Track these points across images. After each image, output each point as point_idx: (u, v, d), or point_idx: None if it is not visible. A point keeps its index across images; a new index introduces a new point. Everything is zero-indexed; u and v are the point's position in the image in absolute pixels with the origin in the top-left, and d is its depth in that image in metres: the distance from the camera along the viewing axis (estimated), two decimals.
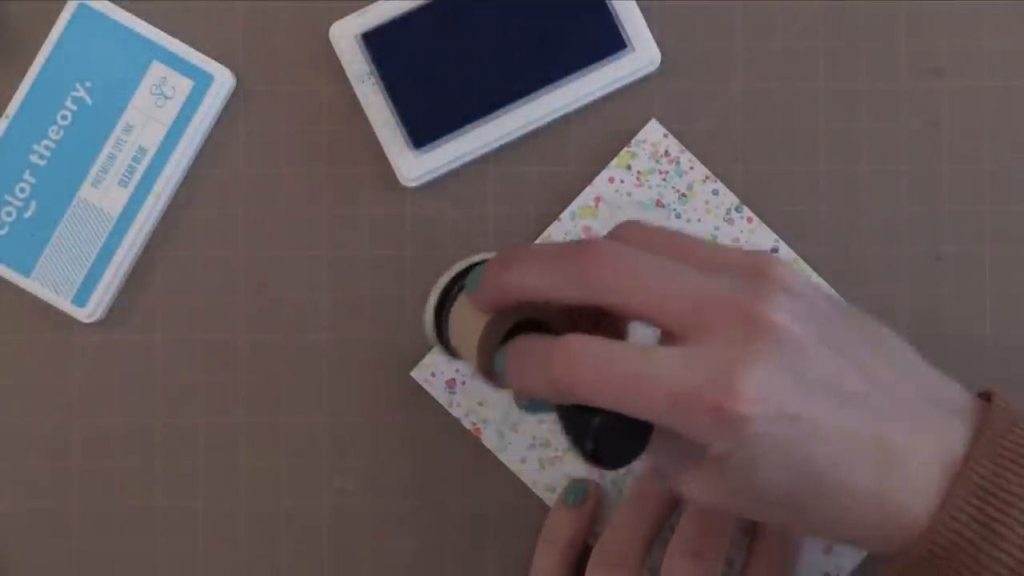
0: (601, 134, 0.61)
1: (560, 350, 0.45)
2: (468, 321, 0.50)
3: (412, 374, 0.61)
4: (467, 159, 0.60)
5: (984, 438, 0.47)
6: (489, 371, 0.49)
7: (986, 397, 0.49)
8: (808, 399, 0.44)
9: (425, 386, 0.61)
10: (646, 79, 0.61)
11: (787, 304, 0.45)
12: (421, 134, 0.60)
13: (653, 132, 0.61)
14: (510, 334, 0.49)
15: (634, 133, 0.61)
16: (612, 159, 0.61)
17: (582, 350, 0.45)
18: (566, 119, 0.61)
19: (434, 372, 0.61)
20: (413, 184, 0.60)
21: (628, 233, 0.49)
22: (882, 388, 0.47)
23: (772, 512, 0.48)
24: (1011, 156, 0.61)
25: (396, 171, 0.60)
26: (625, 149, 0.61)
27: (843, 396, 0.45)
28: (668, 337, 0.46)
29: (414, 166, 0.60)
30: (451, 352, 0.53)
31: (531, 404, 0.49)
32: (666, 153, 0.61)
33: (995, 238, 0.61)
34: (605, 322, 0.49)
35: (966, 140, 0.61)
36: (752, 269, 0.46)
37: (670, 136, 0.61)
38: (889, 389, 0.47)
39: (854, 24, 0.61)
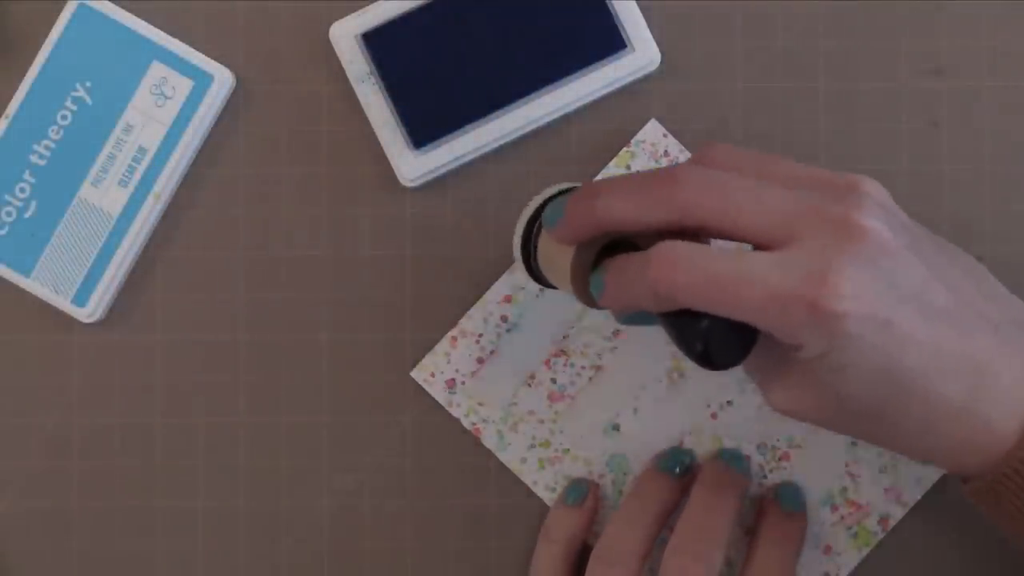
0: (601, 134, 0.61)
1: (658, 257, 0.46)
2: (557, 251, 0.51)
3: (412, 374, 0.61)
4: (467, 159, 0.60)
5: None
6: (586, 295, 0.50)
7: None
8: (900, 306, 0.45)
9: (425, 386, 0.61)
10: (646, 79, 0.61)
11: (879, 213, 0.46)
12: (421, 134, 0.60)
13: (652, 132, 0.61)
14: (598, 259, 0.50)
15: (634, 133, 0.61)
16: (612, 159, 0.61)
17: (680, 254, 0.46)
18: (566, 119, 0.61)
19: (434, 372, 0.61)
20: (413, 184, 0.60)
21: (713, 153, 0.49)
22: (968, 305, 0.47)
23: (858, 423, 0.48)
24: (1011, 156, 0.61)
25: (396, 171, 0.60)
26: (625, 149, 0.61)
27: (932, 307, 0.46)
28: (761, 249, 0.46)
29: (414, 166, 0.60)
30: (543, 282, 0.54)
31: (632, 317, 0.50)
32: (666, 153, 0.61)
33: (995, 238, 0.61)
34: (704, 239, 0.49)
35: (966, 140, 0.61)
36: (841, 183, 0.47)
37: (669, 136, 0.61)
38: (975, 307, 0.48)
39: (854, 24, 0.61)
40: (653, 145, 0.61)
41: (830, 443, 0.61)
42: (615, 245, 0.50)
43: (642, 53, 0.60)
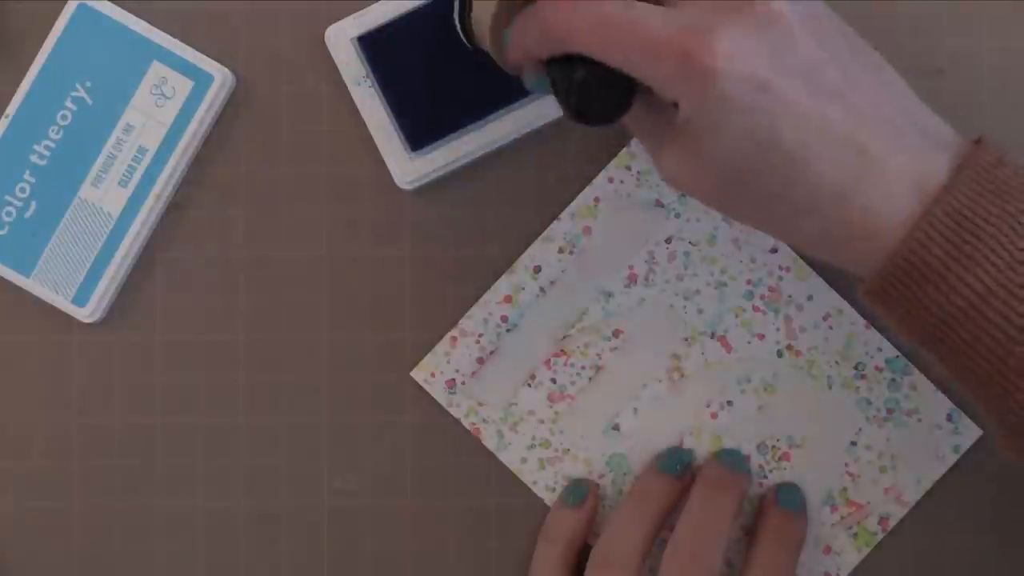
0: (601, 134, 0.61)
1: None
2: (484, 6, 0.52)
3: (412, 374, 0.61)
4: (463, 162, 0.60)
5: (968, 169, 0.46)
6: (502, 54, 0.52)
7: (975, 142, 0.49)
8: (783, 76, 0.45)
9: (425, 386, 0.61)
10: None
11: None
12: (417, 137, 0.60)
13: None
14: None
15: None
16: (611, 159, 0.61)
17: None
18: (568, 121, 0.61)
19: (434, 372, 0.61)
20: (409, 187, 0.60)
21: None
22: (863, 93, 0.47)
23: (737, 197, 0.48)
24: None
25: (392, 174, 0.60)
26: (624, 149, 0.61)
27: (820, 87, 0.46)
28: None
29: (410, 169, 0.60)
30: (473, 44, 0.56)
31: (537, 81, 0.50)
32: None
33: None
34: None
35: None
36: None
37: None
38: (870, 97, 0.47)
39: (854, 24, 0.61)
40: None
41: (830, 443, 0.61)
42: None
43: None
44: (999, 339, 0.46)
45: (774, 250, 0.61)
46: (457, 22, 0.57)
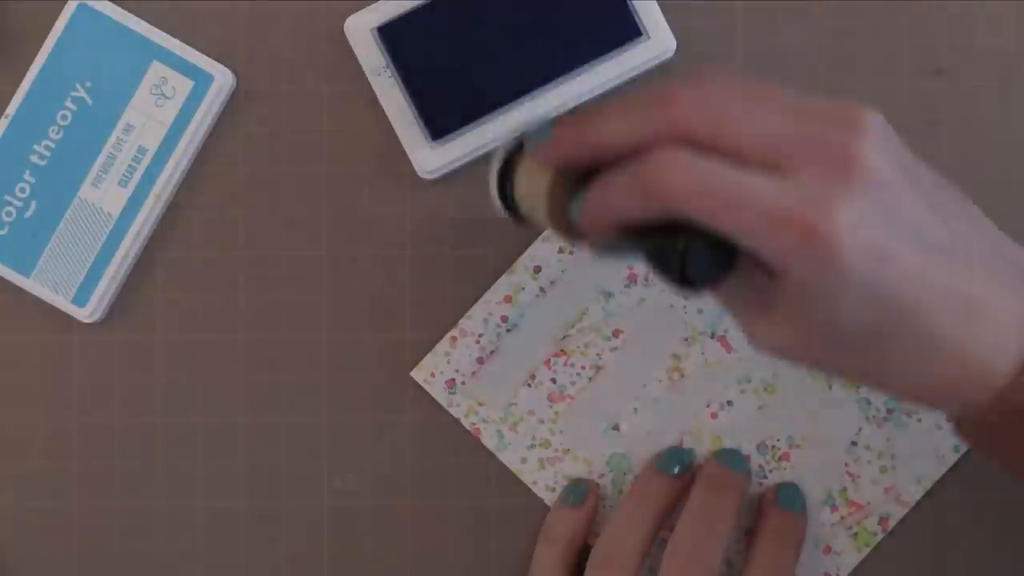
0: None
1: (655, 156, 0.45)
2: (536, 180, 0.50)
3: (412, 374, 0.61)
4: (486, 150, 0.60)
5: None
6: (563, 224, 0.49)
7: None
8: (897, 239, 0.45)
9: (425, 386, 0.61)
10: (647, 78, 0.61)
11: (881, 145, 0.45)
12: (439, 126, 0.60)
13: None
14: (572, 191, 0.49)
15: None
16: None
17: (676, 157, 0.45)
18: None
19: (434, 372, 0.61)
20: (430, 176, 0.60)
21: (709, 78, 0.47)
22: (964, 242, 0.47)
23: (848, 358, 0.48)
24: (1011, 156, 0.61)
25: (414, 163, 0.60)
26: None
27: (929, 244, 0.46)
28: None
29: (432, 158, 0.60)
30: (521, 219, 0.53)
31: (611, 246, 0.48)
32: None
33: None
34: None
35: (966, 140, 0.61)
36: (844, 113, 0.46)
37: None
38: (971, 244, 0.47)
39: (854, 24, 0.61)
40: None
41: (830, 443, 0.61)
42: (591, 175, 0.48)
43: (658, 41, 0.60)
44: None
45: None
46: (495, 193, 0.53)
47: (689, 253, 0.45)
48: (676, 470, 0.60)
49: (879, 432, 0.61)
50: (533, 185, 0.50)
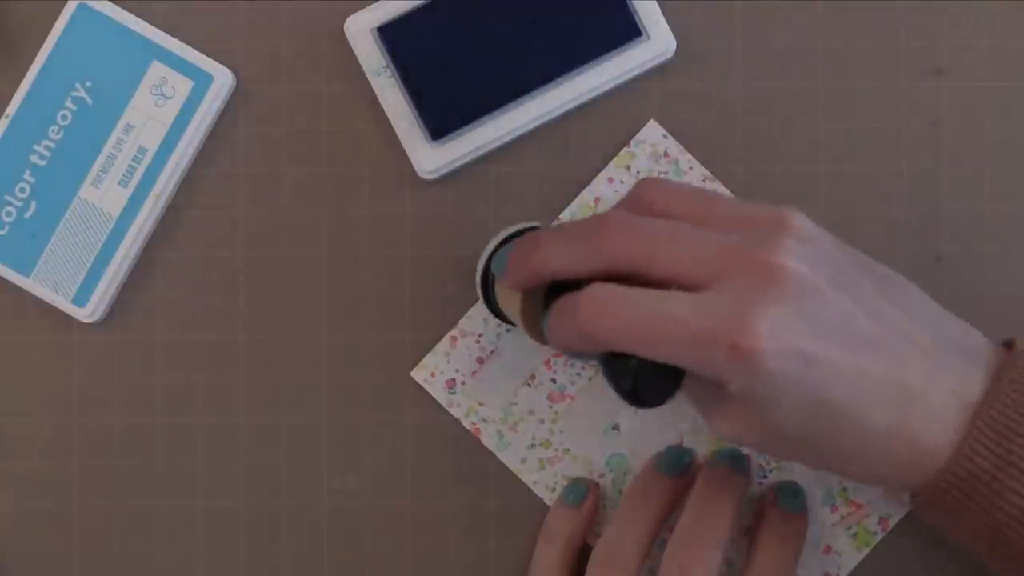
0: (601, 134, 0.61)
1: (584, 300, 0.48)
2: (509, 298, 0.54)
3: (412, 374, 0.61)
4: (486, 150, 0.60)
5: (1004, 379, 0.49)
6: (539, 336, 0.53)
7: (1007, 345, 0.51)
8: (822, 341, 0.46)
9: (425, 386, 0.61)
10: (646, 79, 0.61)
11: (799, 250, 0.47)
12: (439, 126, 0.60)
13: (652, 132, 0.61)
14: (549, 299, 0.52)
15: (634, 133, 0.61)
16: (612, 159, 0.61)
17: (603, 297, 0.47)
18: (567, 118, 0.61)
19: (434, 372, 0.61)
20: (430, 176, 0.60)
21: (647, 193, 0.51)
22: (895, 331, 0.48)
23: (795, 451, 0.50)
24: (1011, 156, 0.61)
25: (414, 163, 0.60)
26: (624, 150, 0.61)
27: (857, 338, 0.47)
28: (687, 290, 0.47)
29: (432, 158, 0.60)
30: (506, 320, 0.58)
31: (576, 355, 0.52)
32: (665, 154, 0.61)
33: (995, 238, 0.61)
34: (635, 282, 0.50)
35: (966, 140, 0.61)
36: (766, 220, 0.48)
37: (669, 137, 0.61)
38: (902, 332, 0.48)
39: (854, 24, 0.61)
40: (652, 146, 0.61)
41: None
42: (562, 285, 0.51)
43: (658, 41, 0.60)
44: None
45: None
46: (480, 295, 0.57)
47: (639, 375, 0.48)
48: (676, 470, 0.59)
49: None
50: (508, 302, 0.54)
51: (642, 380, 0.48)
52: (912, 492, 0.51)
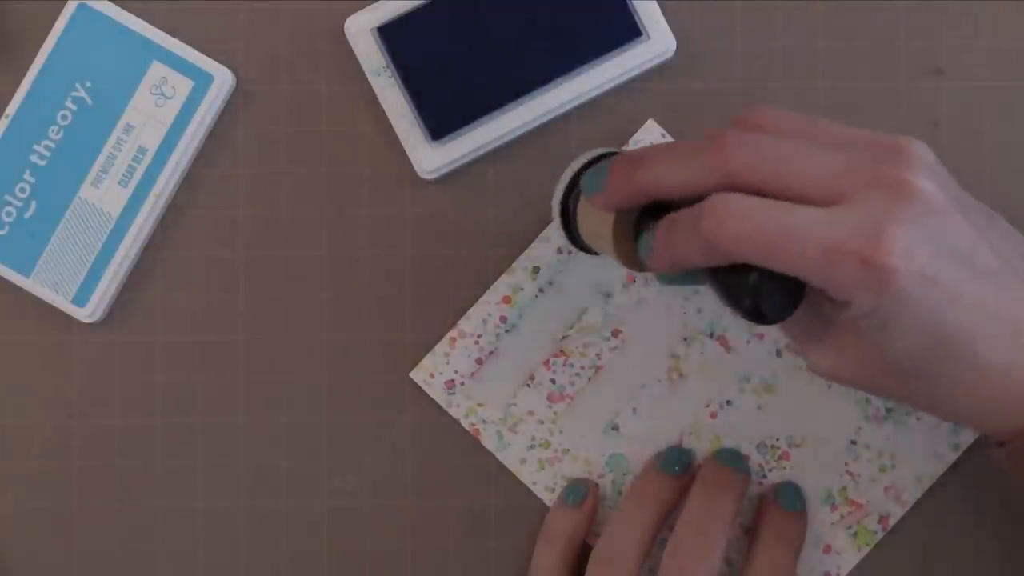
0: (601, 134, 0.61)
1: (712, 208, 0.46)
2: (597, 216, 0.51)
3: (411, 375, 0.61)
4: (486, 150, 0.60)
5: None
6: (633, 262, 0.51)
7: None
8: (949, 265, 0.45)
9: (424, 387, 0.61)
10: (646, 79, 0.61)
11: (929, 173, 0.46)
12: (439, 126, 0.60)
13: (651, 132, 0.61)
14: (638, 222, 0.50)
15: (633, 133, 0.61)
16: None
17: (734, 205, 0.46)
18: (566, 118, 0.61)
19: (433, 373, 0.61)
20: (430, 176, 0.60)
21: (756, 117, 0.49)
22: (1012, 268, 0.48)
23: (900, 383, 0.49)
24: (1011, 156, 0.61)
25: (414, 163, 0.60)
26: (624, 148, 0.61)
27: (979, 268, 0.46)
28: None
29: (432, 158, 0.60)
30: (584, 247, 0.55)
31: (676, 278, 0.50)
32: None
33: None
34: None
35: (966, 140, 0.61)
36: (890, 143, 0.47)
37: (667, 136, 0.61)
38: (1015, 268, 0.48)
39: (854, 24, 0.61)
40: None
41: (829, 442, 0.61)
42: (654, 207, 0.50)
43: (658, 41, 0.60)
44: None
45: None
46: (559, 224, 0.55)
47: (760, 289, 0.46)
48: (676, 470, 0.59)
49: (879, 431, 0.61)
50: (596, 226, 0.52)
51: (763, 295, 0.46)
52: (999, 441, 0.50)
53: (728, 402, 0.61)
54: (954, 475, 0.61)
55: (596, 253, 0.55)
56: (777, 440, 0.61)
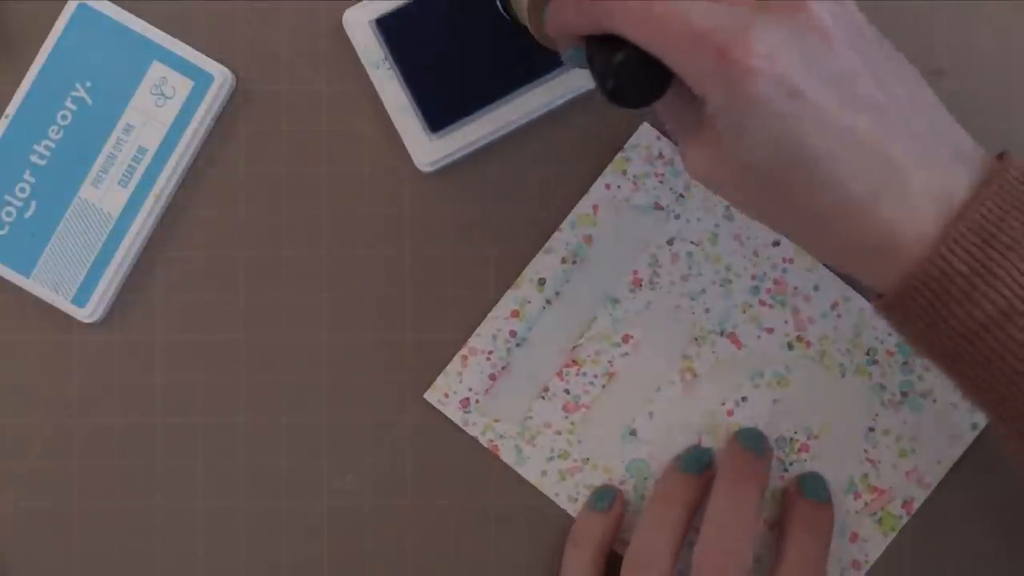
0: (600, 130, 0.61)
1: None
2: None
3: (425, 396, 0.61)
4: (485, 142, 0.60)
5: (994, 184, 0.46)
6: (542, 33, 0.53)
7: (999, 157, 0.49)
8: (816, 83, 0.45)
9: (439, 407, 0.61)
10: None
11: (830, 3, 0.46)
12: (438, 118, 0.60)
13: (645, 135, 0.61)
14: None
15: (632, 128, 0.61)
16: (610, 160, 0.61)
17: None
18: (566, 117, 0.61)
19: (447, 393, 0.61)
20: (430, 169, 0.60)
21: None
22: (894, 105, 0.46)
23: (760, 198, 0.48)
24: None
25: (413, 156, 0.60)
26: (619, 155, 0.61)
27: (854, 97, 0.45)
28: None
29: (431, 150, 0.60)
30: (515, 22, 0.57)
31: (575, 55, 0.50)
32: (660, 155, 0.61)
33: None
34: None
35: None
36: None
37: (662, 138, 0.61)
38: (901, 109, 0.47)
39: None
40: (647, 148, 0.61)
41: (847, 431, 0.61)
42: None
43: None
44: (1021, 355, 0.46)
45: (776, 243, 0.61)
46: (499, 3, 0.58)
47: (624, 69, 0.47)
48: (698, 469, 0.59)
49: (895, 416, 0.61)
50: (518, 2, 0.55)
51: (625, 76, 0.47)
52: (877, 293, 0.49)
53: (743, 399, 0.61)
54: (954, 476, 0.61)
55: (525, 27, 0.55)
56: (795, 433, 0.61)
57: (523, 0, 0.54)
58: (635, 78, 0.47)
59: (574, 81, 0.60)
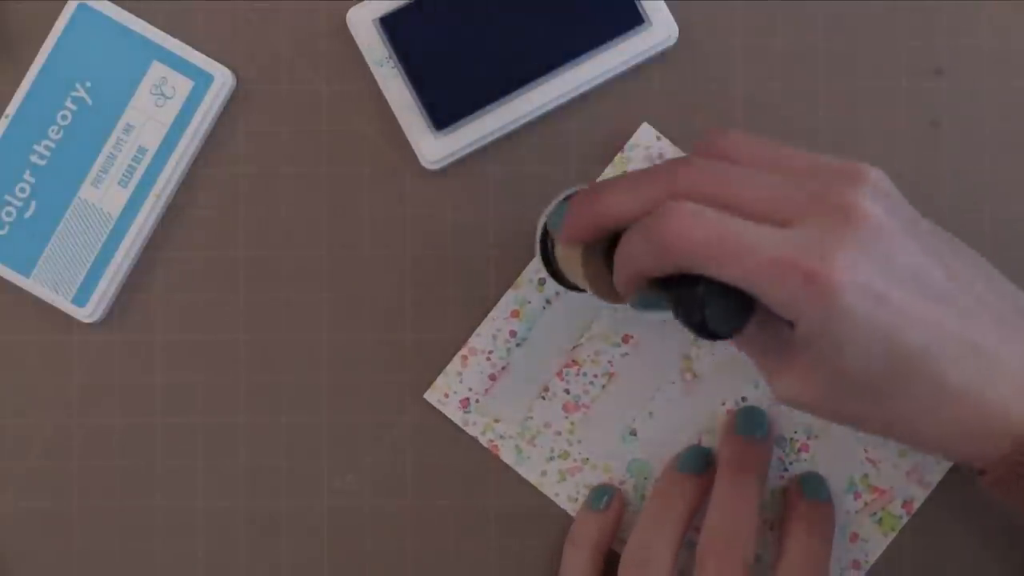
0: (601, 133, 0.61)
1: (662, 209, 0.47)
2: (570, 257, 0.53)
3: (425, 396, 0.61)
4: (490, 139, 0.60)
5: None
6: (605, 292, 0.52)
7: None
8: (896, 283, 0.46)
9: (439, 407, 0.61)
10: (646, 76, 0.61)
11: (880, 199, 0.47)
12: (442, 116, 0.60)
13: (645, 135, 0.61)
14: (610, 255, 0.51)
15: (634, 127, 0.61)
16: (610, 160, 0.61)
17: (684, 207, 0.46)
18: (566, 117, 0.61)
19: (447, 392, 0.61)
20: (434, 167, 0.60)
21: (717, 141, 0.50)
22: (968, 290, 0.48)
23: (862, 407, 0.48)
24: (1011, 156, 0.61)
25: (418, 154, 0.60)
26: (619, 155, 0.61)
27: (930, 289, 0.47)
28: None
29: (436, 148, 0.60)
30: (570, 286, 0.56)
31: (643, 300, 0.50)
32: (660, 155, 0.61)
33: (995, 238, 0.61)
34: None
35: (966, 140, 0.61)
36: (845, 169, 0.48)
37: (663, 138, 0.61)
38: (975, 293, 0.48)
39: (854, 24, 0.61)
40: (647, 148, 0.61)
41: (847, 431, 0.61)
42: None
43: (660, 28, 0.60)
44: None
45: None
46: (543, 265, 0.56)
47: (707, 301, 0.47)
48: (698, 468, 0.59)
49: None
50: (569, 262, 0.53)
51: (710, 308, 0.47)
52: (980, 470, 0.50)
53: (743, 398, 0.61)
54: (954, 475, 0.61)
55: (581, 290, 0.55)
56: (795, 433, 0.61)
57: (574, 262, 0.52)
58: (721, 308, 0.47)
59: (579, 76, 0.60)
